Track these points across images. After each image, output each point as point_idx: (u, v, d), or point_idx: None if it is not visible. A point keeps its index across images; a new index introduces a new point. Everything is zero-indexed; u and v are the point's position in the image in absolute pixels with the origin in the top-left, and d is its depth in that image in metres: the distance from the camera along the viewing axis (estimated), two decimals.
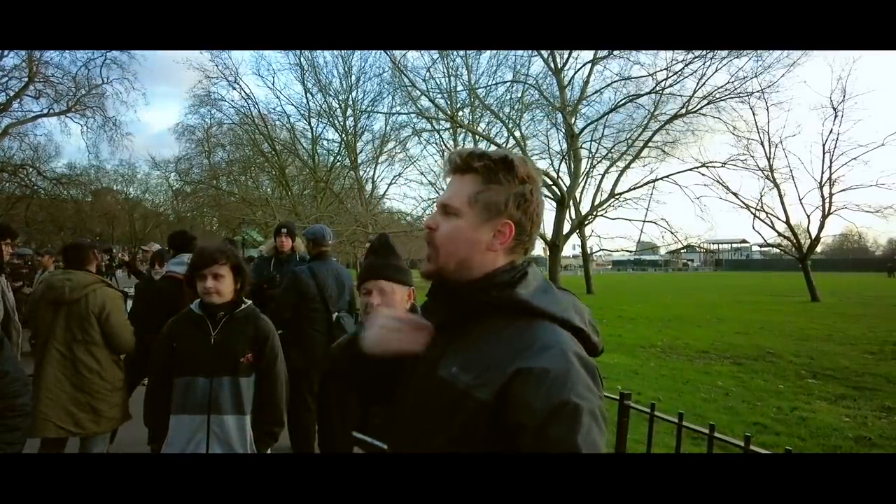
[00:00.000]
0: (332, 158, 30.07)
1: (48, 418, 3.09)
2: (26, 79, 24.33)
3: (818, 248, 24.15)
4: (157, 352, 2.53)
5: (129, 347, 3.38)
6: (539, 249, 21.91)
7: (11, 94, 24.41)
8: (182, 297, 3.55)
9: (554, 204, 20.72)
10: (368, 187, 30.60)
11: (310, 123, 29.48)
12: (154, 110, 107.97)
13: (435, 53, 21.16)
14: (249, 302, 2.60)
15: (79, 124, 27.11)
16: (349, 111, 28.96)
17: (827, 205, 20.35)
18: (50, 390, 3.11)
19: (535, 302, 1.01)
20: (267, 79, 57.34)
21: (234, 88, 27.65)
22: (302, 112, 29.27)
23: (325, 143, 30.49)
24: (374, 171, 30.94)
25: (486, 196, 1.04)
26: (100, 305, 3.26)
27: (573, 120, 20.43)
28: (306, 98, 28.77)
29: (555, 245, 21.34)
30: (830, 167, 20.18)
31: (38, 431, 3.04)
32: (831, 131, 20.21)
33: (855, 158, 19.91)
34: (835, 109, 19.86)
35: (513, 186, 1.05)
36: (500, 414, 0.91)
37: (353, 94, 29.21)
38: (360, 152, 29.66)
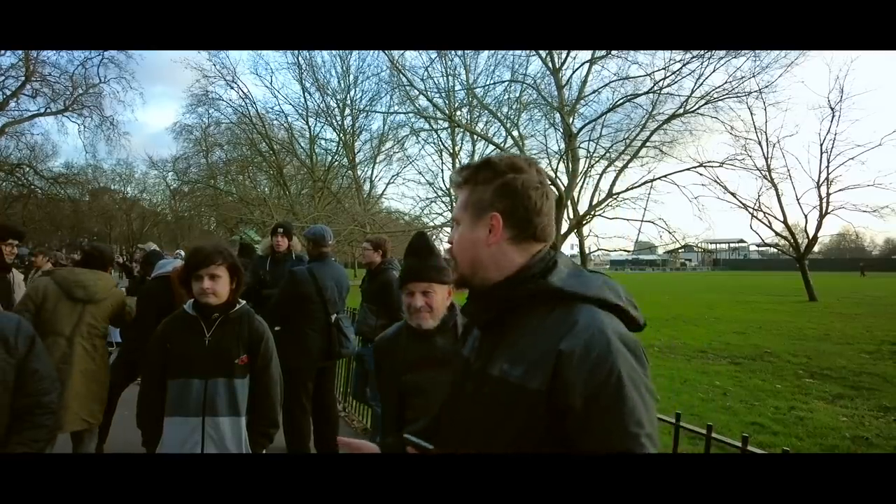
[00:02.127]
0: (329, 158, 30.08)
1: (78, 413, 3.20)
2: (23, 77, 24.31)
3: (815, 248, 24.17)
4: (151, 353, 2.48)
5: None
6: None
7: (8, 92, 24.41)
8: (174, 299, 3.56)
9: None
10: (366, 187, 30.64)
11: (308, 123, 29.50)
12: (151, 109, 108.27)
13: (433, 53, 21.12)
14: (244, 302, 2.57)
15: (76, 123, 27.13)
16: (347, 110, 29.00)
17: (824, 204, 20.43)
18: (80, 384, 3.24)
19: (568, 287, 1.03)
20: (265, 78, 57.26)
21: (232, 88, 27.67)
22: (300, 111, 29.29)
23: (322, 142, 30.53)
24: (372, 171, 31.01)
25: (474, 198, 1.12)
26: (121, 304, 3.57)
27: (571, 120, 20.41)
28: (304, 97, 28.80)
29: (553, 245, 21.32)
30: (828, 167, 20.29)
31: (68, 426, 3.18)
32: (829, 131, 20.31)
33: (852, 158, 20.02)
34: (832, 109, 19.96)
35: (494, 181, 1.10)
36: (552, 401, 0.92)
37: (351, 93, 29.28)
38: (358, 152, 29.71)
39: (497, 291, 1.09)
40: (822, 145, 20.33)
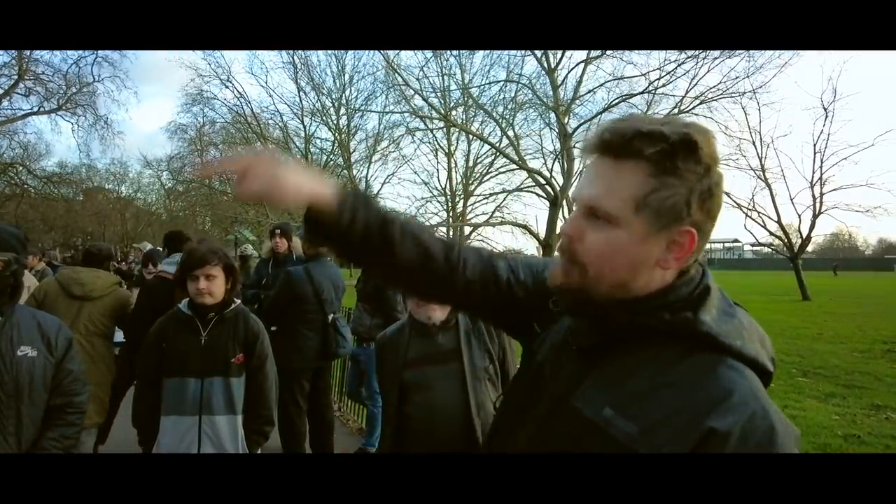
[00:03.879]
0: (325, 157, 30.00)
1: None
2: (16, 76, 24.10)
3: (809, 248, 24.31)
4: (146, 352, 2.51)
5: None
6: (532, 250, 21.94)
7: (1, 91, 24.20)
8: (173, 298, 3.56)
9: (547, 203, 20.77)
10: (362, 186, 30.55)
11: (303, 122, 29.38)
12: (146, 109, 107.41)
13: (428, 52, 21.13)
14: (239, 301, 2.59)
15: (69, 122, 26.90)
16: (342, 110, 28.90)
17: (818, 204, 20.56)
18: None
19: (724, 336, 0.77)
20: (260, 77, 56.97)
21: (227, 87, 27.53)
22: (295, 111, 29.15)
23: (318, 141, 30.41)
24: (368, 171, 30.89)
25: (661, 197, 0.76)
26: (124, 303, 3.57)
27: (566, 119, 20.43)
28: (299, 97, 28.65)
29: (547, 245, 21.38)
30: (821, 167, 20.40)
31: None
32: (822, 131, 20.44)
33: (845, 158, 20.14)
34: (825, 110, 20.07)
35: (695, 178, 0.76)
36: None
37: (347, 92, 29.17)
38: (354, 151, 29.61)
39: (622, 314, 0.80)
40: (815, 145, 20.49)
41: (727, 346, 0.76)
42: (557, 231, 20.95)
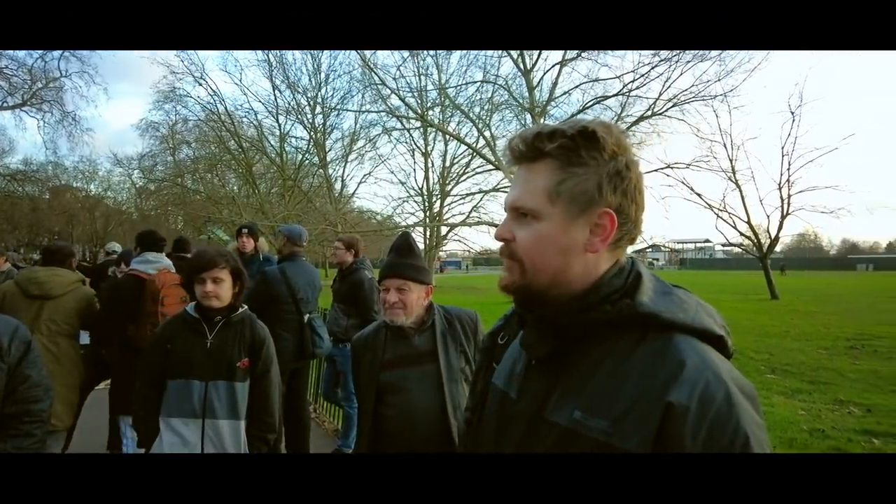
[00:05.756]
0: (300, 156, 29.76)
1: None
2: None
3: (777, 248, 24.94)
4: (151, 353, 2.49)
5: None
6: None
7: None
8: (143, 297, 3.50)
9: None
10: (338, 186, 30.36)
11: (278, 121, 29.07)
12: (116, 106, 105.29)
13: (405, 52, 21.09)
14: (245, 307, 2.58)
15: (35, 118, 26.23)
16: (318, 108, 28.67)
17: (785, 206, 21.08)
18: None
19: (664, 312, 0.80)
20: (234, 75, 56.08)
21: (200, 84, 27.14)
22: (270, 109, 28.83)
23: (293, 140, 30.13)
24: (344, 170, 30.73)
25: (571, 184, 0.83)
26: (88, 301, 3.50)
27: (542, 121, 20.61)
28: (274, 95, 28.36)
29: None
30: (789, 169, 20.93)
31: None
32: (790, 134, 20.99)
33: (811, 161, 20.69)
34: (792, 114, 20.60)
35: (601, 164, 0.83)
36: None
37: (323, 91, 28.95)
38: (330, 150, 29.42)
39: (564, 316, 0.84)
40: (783, 148, 21.01)
41: (671, 321, 0.80)
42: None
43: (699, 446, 0.71)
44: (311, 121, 28.65)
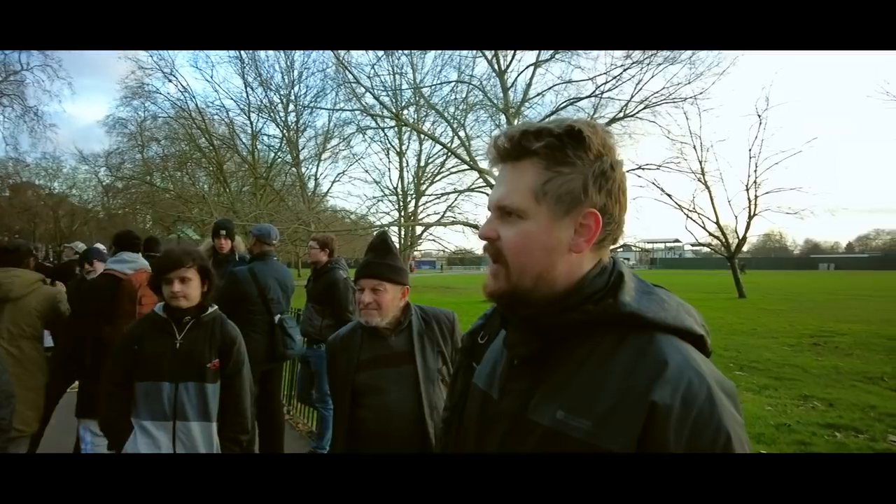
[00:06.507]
0: (272, 154, 29.37)
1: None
2: None
3: (745, 248, 25.56)
4: (119, 354, 2.42)
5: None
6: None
7: None
8: (119, 296, 3.41)
9: None
10: (311, 185, 30.06)
11: (250, 118, 28.68)
12: (82, 101, 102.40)
13: (380, 51, 21.00)
14: (216, 307, 2.54)
15: None
16: (291, 106, 28.36)
17: (752, 206, 21.62)
18: None
19: (647, 311, 0.81)
20: (205, 72, 55.09)
21: (170, 80, 26.65)
22: (242, 106, 28.43)
23: (265, 138, 29.76)
24: (317, 169, 30.48)
25: (557, 184, 0.83)
26: (50, 301, 3.37)
27: (516, 121, 20.74)
28: (246, 92, 27.98)
29: None
30: (756, 171, 21.48)
31: None
32: (756, 137, 21.59)
33: (777, 163, 21.28)
34: (759, 117, 21.14)
35: (587, 164, 0.83)
36: None
37: (296, 89, 28.66)
38: (303, 149, 29.13)
39: (547, 316, 0.84)
40: (750, 150, 21.55)
41: (653, 320, 0.80)
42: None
43: (682, 445, 0.71)
44: (283, 119, 28.35)
